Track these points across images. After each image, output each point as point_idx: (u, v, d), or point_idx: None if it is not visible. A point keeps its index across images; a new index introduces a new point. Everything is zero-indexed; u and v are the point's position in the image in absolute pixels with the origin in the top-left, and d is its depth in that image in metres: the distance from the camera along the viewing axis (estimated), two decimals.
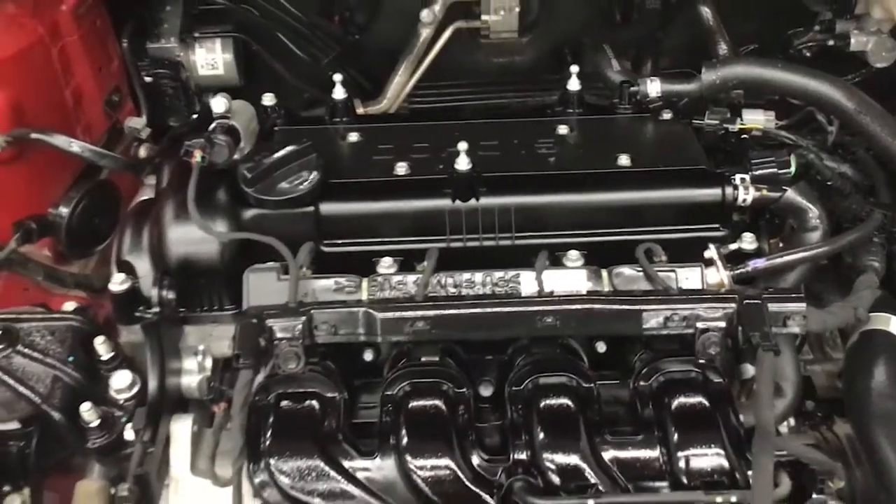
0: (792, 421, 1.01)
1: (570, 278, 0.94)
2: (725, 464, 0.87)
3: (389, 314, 0.90)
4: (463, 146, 1.02)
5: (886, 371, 0.93)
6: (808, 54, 1.32)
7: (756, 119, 1.18)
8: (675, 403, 0.90)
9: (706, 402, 0.90)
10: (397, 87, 1.46)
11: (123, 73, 1.31)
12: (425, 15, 1.44)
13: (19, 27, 1.10)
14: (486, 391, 0.97)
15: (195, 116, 1.31)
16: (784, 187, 1.02)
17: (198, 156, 0.98)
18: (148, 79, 1.34)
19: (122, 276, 0.99)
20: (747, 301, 0.89)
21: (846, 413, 0.97)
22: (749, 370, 0.99)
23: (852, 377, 0.97)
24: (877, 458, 0.89)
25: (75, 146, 1.12)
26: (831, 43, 1.30)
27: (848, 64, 1.33)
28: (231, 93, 1.09)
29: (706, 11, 1.28)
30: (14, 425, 1.03)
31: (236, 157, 1.03)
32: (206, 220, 0.97)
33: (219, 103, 1.03)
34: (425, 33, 1.46)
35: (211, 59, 1.39)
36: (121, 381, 0.99)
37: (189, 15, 1.37)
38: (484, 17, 1.45)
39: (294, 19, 1.42)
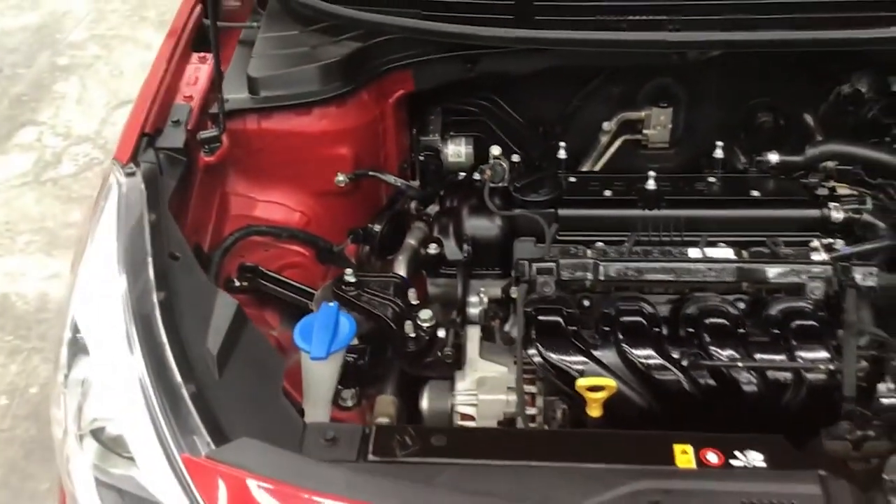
0: None
1: (721, 252, 1.53)
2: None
3: (608, 263, 1.49)
4: (651, 174, 1.63)
5: None
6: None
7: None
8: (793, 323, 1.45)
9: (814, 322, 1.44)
10: None
11: (409, 151, 1.99)
12: (605, 126, 2.10)
13: (367, 108, 1.79)
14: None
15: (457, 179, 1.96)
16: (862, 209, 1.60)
17: (488, 172, 1.63)
18: (421, 157, 2.01)
19: (434, 245, 1.61)
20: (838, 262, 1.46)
21: None
22: None
23: None
24: None
25: (396, 181, 1.78)
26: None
27: None
28: None
29: (808, 118, 1.89)
30: (354, 341, 1.62)
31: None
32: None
33: (495, 149, 1.70)
34: (603, 140, 2.11)
35: (457, 150, 2.04)
36: (425, 315, 1.58)
37: (447, 122, 2.05)
38: (645, 132, 2.05)
39: (516, 125, 2.08)
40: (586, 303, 1.53)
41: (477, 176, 1.77)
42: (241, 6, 1.99)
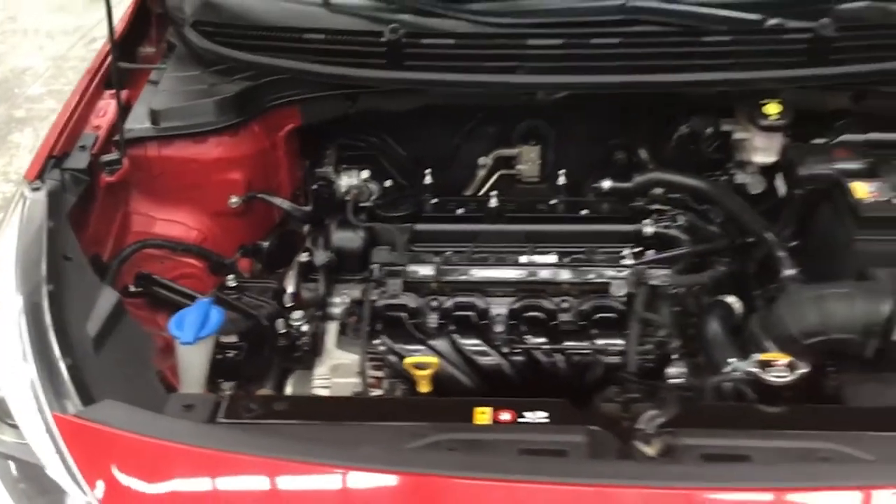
0: None
1: (546, 259, 1.76)
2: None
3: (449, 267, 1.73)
4: (493, 193, 1.87)
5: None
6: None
7: None
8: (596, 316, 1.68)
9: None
10: None
11: (302, 180, 2.22)
12: (481, 161, 2.33)
13: (258, 139, 2.01)
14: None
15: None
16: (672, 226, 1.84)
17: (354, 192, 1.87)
18: (314, 187, 2.23)
19: (305, 253, 1.83)
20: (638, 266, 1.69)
21: None
22: None
23: None
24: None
25: (283, 203, 2.01)
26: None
27: None
28: None
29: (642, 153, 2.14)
30: (233, 339, 1.82)
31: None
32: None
33: (364, 173, 1.94)
34: (481, 174, 2.33)
35: (349, 181, 2.21)
36: (297, 315, 1.79)
37: (342, 156, 2.27)
38: (518, 167, 2.25)
39: (402, 160, 2.31)
40: (434, 303, 1.75)
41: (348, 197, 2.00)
42: (155, 52, 2.24)
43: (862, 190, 1.72)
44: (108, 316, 1.53)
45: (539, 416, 1.36)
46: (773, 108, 1.87)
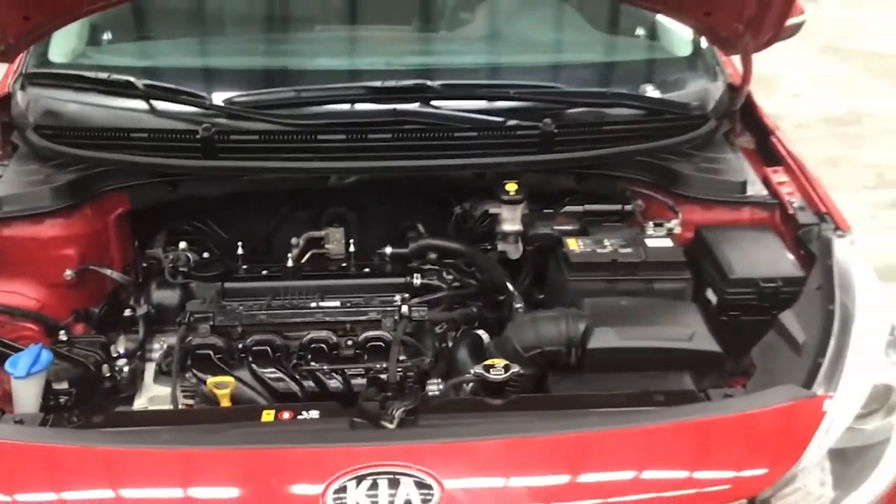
0: None
1: (329, 304, 2.20)
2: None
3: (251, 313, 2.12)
4: (291, 255, 2.29)
5: None
6: None
7: None
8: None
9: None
10: None
11: (134, 256, 2.55)
12: (293, 241, 2.72)
13: (89, 220, 2.35)
14: None
15: None
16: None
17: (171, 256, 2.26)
18: (144, 264, 2.57)
19: (128, 310, 2.18)
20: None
21: None
22: None
23: None
24: None
25: (113, 274, 2.35)
26: None
27: None
28: None
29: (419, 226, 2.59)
30: (64, 385, 2.11)
31: None
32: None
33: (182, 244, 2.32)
34: (295, 252, 2.71)
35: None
36: (121, 362, 2.12)
37: (170, 239, 2.62)
38: (326, 246, 2.64)
39: (223, 240, 2.67)
40: (240, 344, 2.12)
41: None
42: (2, 154, 2.57)
43: (574, 244, 2.22)
44: None
45: (314, 414, 1.74)
46: (511, 187, 2.38)
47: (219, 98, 2.36)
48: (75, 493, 1.59)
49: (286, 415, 1.75)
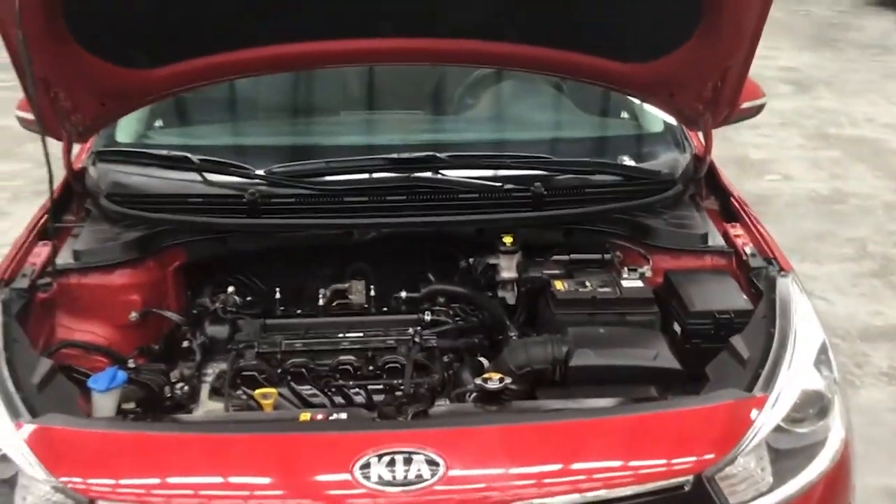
0: None
1: (355, 335, 2.62)
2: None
3: (289, 341, 2.54)
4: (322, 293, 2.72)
5: None
6: None
7: None
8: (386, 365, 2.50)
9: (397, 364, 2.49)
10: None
11: (187, 302, 2.97)
12: (321, 292, 3.15)
13: (152, 271, 2.79)
14: None
15: None
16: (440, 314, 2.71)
17: (222, 297, 2.68)
18: (195, 311, 2.97)
19: (186, 341, 2.60)
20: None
21: None
22: None
23: None
24: None
25: (171, 315, 2.78)
26: None
27: None
28: None
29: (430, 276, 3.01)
30: (132, 405, 2.50)
31: None
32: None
33: (230, 288, 2.75)
34: (322, 302, 3.14)
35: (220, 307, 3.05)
36: (179, 385, 2.52)
37: (214, 292, 3.05)
38: (349, 297, 3.08)
39: (260, 290, 3.12)
40: (280, 368, 2.53)
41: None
42: (75, 219, 3.03)
43: (560, 285, 2.64)
44: (46, 373, 2.25)
45: (342, 416, 2.14)
46: (508, 239, 2.80)
47: (261, 169, 2.83)
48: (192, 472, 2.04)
49: (319, 416, 2.15)
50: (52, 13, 2.39)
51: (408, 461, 1.95)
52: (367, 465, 1.94)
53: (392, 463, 1.95)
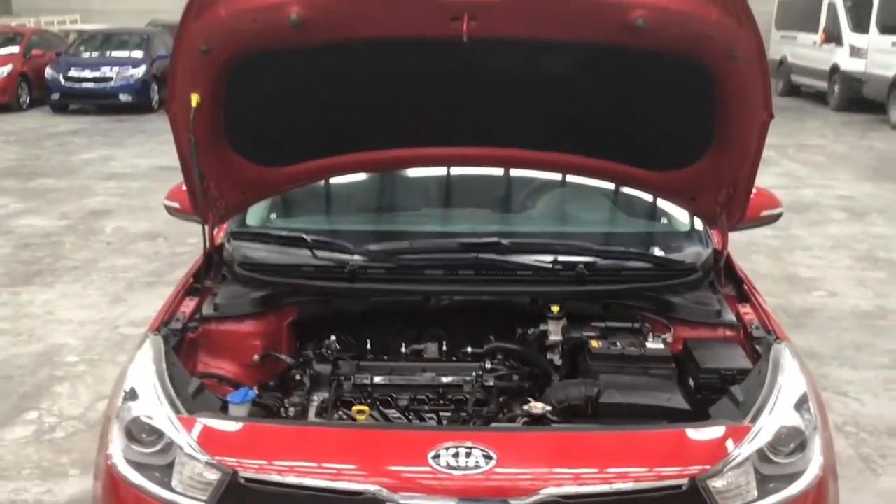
0: None
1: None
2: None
3: (378, 377, 3.24)
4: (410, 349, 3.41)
5: None
6: None
7: None
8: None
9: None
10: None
11: (295, 352, 3.69)
12: (403, 349, 3.82)
13: (271, 323, 3.52)
14: None
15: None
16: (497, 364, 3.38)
17: (326, 342, 3.40)
18: (301, 359, 3.69)
19: (297, 374, 3.30)
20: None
21: None
22: None
23: None
24: None
25: (286, 358, 3.49)
26: None
27: None
28: None
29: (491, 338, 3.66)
30: None
31: None
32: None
33: (332, 337, 3.48)
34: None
35: (322, 355, 3.77)
36: (292, 408, 3.21)
37: (318, 343, 3.78)
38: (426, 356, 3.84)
39: (355, 346, 3.81)
40: (370, 398, 3.21)
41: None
42: (215, 282, 3.80)
43: (596, 343, 3.28)
44: (197, 387, 2.98)
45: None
46: (555, 308, 3.48)
47: (359, 247, 3.58)
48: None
49: None
50: (216, 123, 3.23)
51: (468, 454, 2.59)
52: (437, 456, 2.60)
53: (457, 455, 2.59)
